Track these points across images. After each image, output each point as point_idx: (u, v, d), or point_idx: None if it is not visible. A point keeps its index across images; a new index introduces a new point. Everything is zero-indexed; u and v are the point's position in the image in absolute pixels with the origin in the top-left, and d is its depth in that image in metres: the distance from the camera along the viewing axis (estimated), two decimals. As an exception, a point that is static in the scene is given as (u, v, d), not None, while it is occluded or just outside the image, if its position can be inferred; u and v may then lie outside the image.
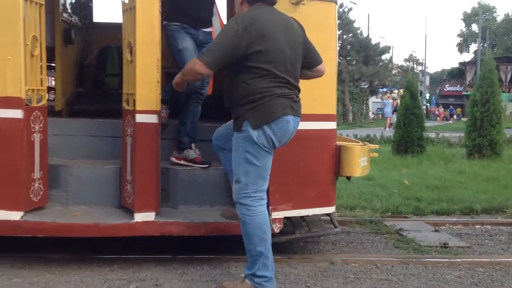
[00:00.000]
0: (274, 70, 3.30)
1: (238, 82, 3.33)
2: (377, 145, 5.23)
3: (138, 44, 3.86)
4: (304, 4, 4.09)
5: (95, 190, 4.16)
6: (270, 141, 3.33)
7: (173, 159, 4.42)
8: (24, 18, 3.71)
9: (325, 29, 4.29)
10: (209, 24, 4.59)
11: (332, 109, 4.43)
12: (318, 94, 4.22)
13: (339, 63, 31.15)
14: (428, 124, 14.07)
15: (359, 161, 4.37)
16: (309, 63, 3.63)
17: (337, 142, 4.42)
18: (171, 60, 4.49)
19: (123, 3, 4.10)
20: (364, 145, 4.69)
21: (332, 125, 4.39)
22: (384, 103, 32.72)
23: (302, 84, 3.89)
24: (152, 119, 3.90)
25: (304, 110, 4.12)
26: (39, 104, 3.94)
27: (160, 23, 3.99)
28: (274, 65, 3.30)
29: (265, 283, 3.37)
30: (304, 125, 4.13)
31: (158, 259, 4.09)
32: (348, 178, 4.60)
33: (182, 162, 4.39)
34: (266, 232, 3.39)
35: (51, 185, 4.09)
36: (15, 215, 3.76)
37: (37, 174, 3.90)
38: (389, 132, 18.17)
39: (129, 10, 4.01)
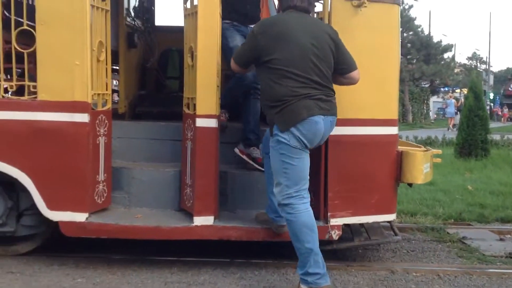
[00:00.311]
0: (295, 70, 3.36)
1: (265, 84, 3.48)
2: (440, 150, 5.04)
3: (199, 49, 3.89)
4: (366, 6, 4.00)
5: (156, 193, 4.23)
6: (301, 142, 3.37)
7: (237, 150, 4.44)
8: (91, 24, 3.81)
9: (387, 31, 4.21)
10: (256, 20, 4.60)
11: (394, 114, 4.32)
12: (380, 99, 4.14)
13: (399, 62, 30.43)
14: (491, 125, 13.51)
15: (422, 167, 4.25)
16: (343, 69, 3.61)
17: (398, 148, 4.31)
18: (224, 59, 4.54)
19: (185, 8, 4.15)
20: (427, 150, 4.56)
21: (393, 130, 4.28)
22: (446, 103, 31.92)
23: (365, 89, 3.86)
24: (212, 123, 3.93)
25: (365, 115, 4.11)
26: (104, 108, 4.05)
27: (220, 28, 4.01)
28: (295, 66, 3.36)
29: (319, 281, 3.37)
30: (365, 130, 4.12)
31: (216, 262, 4.12)
32: (410, 185, 4.48)
33: (245, 157, 4.41)
34: (313, 229, 3.41)
35: (114, 187, 4.19)
36: (81, 217, 3.87)
37: (101, 176, 4.01)
38: (451, 134, 17.64)
39: (190, 15, 4.05)
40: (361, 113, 4.09)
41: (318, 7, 4.17)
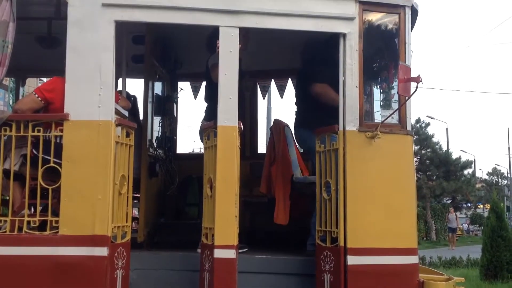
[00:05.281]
0: None
1: None
2: (463, 278, 4.92)
3: (218, 180, 3.99)
4: (379, 137, 4.13)
5: (172, 326, 4.14)
6: None
7: None
8: (114, 160, 3.95)
9: (401, 160, 4.33)
10: None
11: (413, 243, 4.32)
12: (396, 227, 4.17)
13: (418, 178, 30.44)
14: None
15: (445, 298, 4.14)
16: None
17: (420, 276, 4.24)
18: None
19: (205, 141, 4.31)
20: (449, 279, 4.47)
21: (414, 259, 4.26)
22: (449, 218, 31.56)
23: (381, 217, 3.98)
24: (230, 254, 3.94)
25: (384, 244, 4.09)
26: (123, 240, 4.07)
27: (239, 160, 4.13)
28: None
29: None
30: (385, 260, 4.08)
31: None
32: (433, 316, 4.33)
33: None
34: None
35: (129, 321, 4.10)
36: None
37: (117, 310, 3.94)
38: (477, 254, 17.11)
39: (210, 148, 4.20)
40: (378, 242, 4.09)
41: (333, 139, 4.32)
